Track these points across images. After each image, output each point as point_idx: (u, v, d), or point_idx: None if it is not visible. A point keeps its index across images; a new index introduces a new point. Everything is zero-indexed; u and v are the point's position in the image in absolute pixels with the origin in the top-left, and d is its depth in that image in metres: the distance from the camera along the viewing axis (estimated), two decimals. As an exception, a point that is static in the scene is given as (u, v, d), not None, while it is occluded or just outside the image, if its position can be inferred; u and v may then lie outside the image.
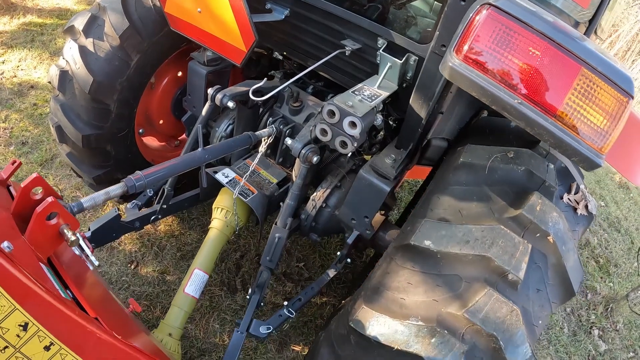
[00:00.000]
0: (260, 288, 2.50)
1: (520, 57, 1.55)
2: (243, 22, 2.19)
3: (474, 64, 1.61)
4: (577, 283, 1.85)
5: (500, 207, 1.82)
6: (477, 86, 1.61)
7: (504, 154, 1.97)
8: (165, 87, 3.19)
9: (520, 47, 1.55)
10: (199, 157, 2.18)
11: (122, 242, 3.57)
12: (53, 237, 1.69)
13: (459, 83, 1.67)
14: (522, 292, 1.70)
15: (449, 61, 1.66)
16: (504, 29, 1.55)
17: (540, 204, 1.77)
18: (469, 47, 1.60)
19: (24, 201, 1.71)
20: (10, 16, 6.19)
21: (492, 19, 1.55)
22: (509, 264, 1.65)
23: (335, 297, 3.53)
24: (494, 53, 1.58)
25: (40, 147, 4.28)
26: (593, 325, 4.25)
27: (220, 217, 2.71)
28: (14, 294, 1.36)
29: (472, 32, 1.59)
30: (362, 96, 2.01)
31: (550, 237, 1.73)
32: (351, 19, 2.25)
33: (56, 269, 1.77)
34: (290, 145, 2.32)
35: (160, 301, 3.28)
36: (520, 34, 1.54)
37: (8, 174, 1.94)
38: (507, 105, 1.59)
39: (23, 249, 1.57)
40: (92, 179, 3.09)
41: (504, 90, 1.58)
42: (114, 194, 1.88)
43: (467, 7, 1.75)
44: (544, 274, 1.77)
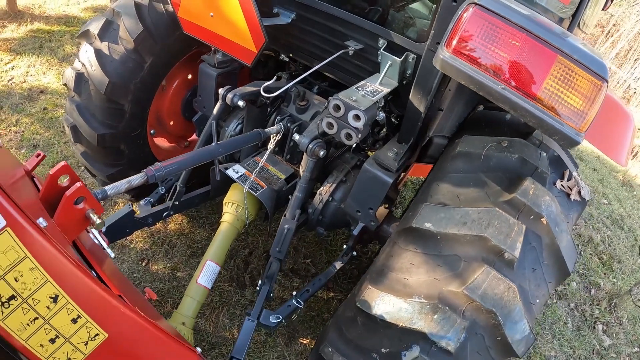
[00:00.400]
0: (270, 279, 2.64)
1: (503, 48, 1.75)
2: (253, 25, 2.37)
3: (462, 55, 1.80)
4: (571, 263, 2.00)
5: (495, 191, 1.98)
6: (465, 75, 1.80)
7: (498, 143, 2.13)
8: (175, 89, 3.37)
9: (502, 39, 1.74)
10: (213, 151, 2.34)
11: (134, 240, 3.74)
12: (79, 221, 1.81)
13: (449, 73, 1.86)
14: (519, 271, 1.86)
15: (440, 54, 1.85)
16: (487, 24, 1.74)
17: (533, 189, 1.93)
18: (458, 41, 1.80)
19: (51, 188, 1.82)
20: (18, 23, 6.40)
21: (477, 16, 1.75)
22: (505, 243, 1.80)
23: (341, 292, 3.69)
24: (480, 45, 1.77)
25: (51, 150, 4.46)
26: (597, 320, 4.37)
27: (231, 211, 2.87)
28: (47, 267, 1.47)
29: (460, 28, 1.79)
30: (365, 92, 2.19)
31: (544, 218, 1.89)
32: (353, 21, 2.42)
33: (80, 252, 1.93)
34: (298, 141, 2.49)
35: (171, 296, 3.43)
36: (502, 28, 1.73)
37: (33, 166, 2.09)
38: (492, 91, 1.77)
39: (54, 228, 1.69)
40: (106, 177, 3.26)
41: (489, 78, 1.77)
42: (135, 182, 2.04)
43: (457, 6, 1.94)
44: (539, 254, 1.92)
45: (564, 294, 4.47)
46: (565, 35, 1.75)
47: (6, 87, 5.22)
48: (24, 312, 1.48)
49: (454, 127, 2.61)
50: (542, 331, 4.02)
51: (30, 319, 1.49)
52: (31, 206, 1.69)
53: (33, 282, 1.47)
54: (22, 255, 1.46)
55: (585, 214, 5.60)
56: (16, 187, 1.80)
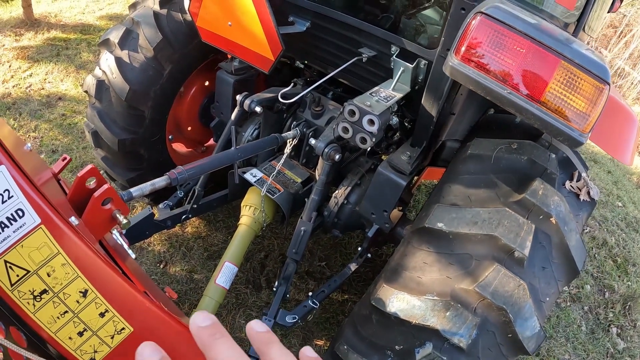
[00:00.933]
0: (287, 280, 2.73)
1: (508, 54, 1.86)
2: (271, 33, 2.49)
3: (470, 62, 1.91)
4: (580, 262, 2.08)
5: (505, 192, 2.07)
6: (473, 81, 1.91)
7: (508, 145, 2.22)
8: (193, 96, 3.50)
9: (508, 46, 1.85)
10: (233, 155, 2.46)
11: (152, 243, 3.86)
12: (106, 221, 1.91)
13: (458, 79, 1.97)
14: (529, 269, 1.94)
15: (450, 61, 1.96)
16: (493, 32, 1.85)
17: (542, 189, 2.01)
18: (466, 49, 1.91)
19: (79, 189, 1.92)
20: (35, 32, 6.58)
21: (483, 24, 1.86)
22: (515, 242, 1.89)
23: (356, 294, 3.78)
24: (486, 52, 1.88)
25: (69, 155, 4.53)
26: (611, 323, 4.41)
27: (249, 214, 2.98)
28: (77, 263, 1.55)
29: (468, 36, 1.90)
30: (379, 97, 2.30)
31: (553, 218, 1.97)
32: (366, 29, 2.54)
33: (107, 250, 2.03)
34: (314, 145, 2.60)
35: (188, 298, 3.55)
36: (507, 36, 1.84)
37: (59, 169, 2.19)
38: (499, 96, 1.88)
39: (82, 228, 1.78)
40: (126, 181, 3.39)
41: (496, 83, 1.88)
42: (159, 185, 2.15)
43: (466, 14, 2.05)
44: (549, 252, 2.00)
45: (577, 297, 4.52)
46: (568, 40, 1.85)
47: (25, 93, 5.38)
48: (54, 305, 1.55)
49: (465, 131, 2.70)
50: (556, 334, 4.07)
51: (60, 313, 1.56)
52: (62, 206, 1.80)
53: (64, 277, 1.54)
54: (55, 252, 1.53)
55: (600, 217, 5.64)
56: (47, 187, 1.91)
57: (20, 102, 5.25)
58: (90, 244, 1.61)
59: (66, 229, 1.57)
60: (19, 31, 6.57)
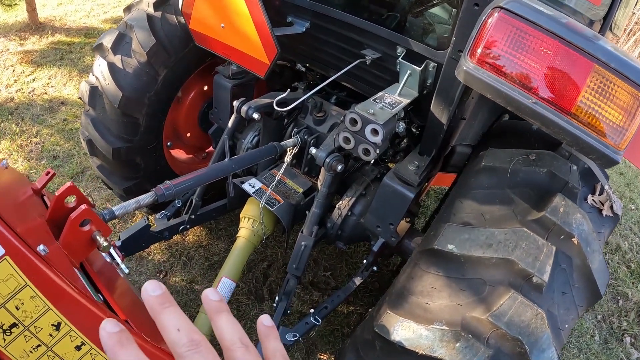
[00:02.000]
0: (287, 295, 2.55)
1: (533, 57, 1.58)
2: (265, 36, 2.27)
3: (488, 66, 1.64)
4: (603, 285, 1.85)
5: (523, 209, 1.83)
6: (491, 88, 1.65)
7: (525, 157, 1.97)
8: (191, 101, 3.29)
9: (532, 47, 1.58)
10: (226, 167, 2.25)
11: (151, 252, 3.67)
12: (86, 243, 1.75)
13: (473, 86, 1.71)
14: (547, 295, 1.71)
15: (464, 65, 1.70)
16: (515, 30, 1.58)
17: (563, 206, 1.77)
18: (482, 50, 1.64)
19: (58, 209, 1.79)
20: (39, 35, 6.43)
21: (503, 22, 1.59)
22: (533, 267, 1.65)
23: (362, 305, 3.57)
24: (507, 55, 1.61)
25: (71, 161, 4.43)
26: (625, 332, 4.18)
27: (248, 226, 2.77)
28: (48, 295, 1.43)
29: (485, 35, 1.63)
30: (383, 104, 2.07)
31: (575, 238, 1.74)
32: (370, 29, 2.30)
33: (88, 274, 1.86)
34: (314, 155, 2.38)
35: (188, 309, 3.35)
36: (531, 35, 1.57)
37: (42, 184, 2.04)
38: (522, 106, 1.61)
39: (57, 253, 1.64)
40: (122, 190, 3.20)
41: (518, 91, 1.61)
42: (144, 202, 1.96)
43: (481, 11, 1.79)
44: (569, 276, 1.77)
45: (591, 306, 4.28)
46: (599, 40, 1.58)
47: (27, 98, 5.22)
48: (26, 339, 1.45)
49: (477, 136, 2.47)
50: (569, 345, 3.84)
51: (32, 346, 1.46)
52: (34, 231, 1.64)
53: (34, 310, 1.44)
54: (22, 284, 1.42)
55: (612, 221, 5.38)
56: (20, 210, 1.74)
57: (22, 106, 5.08)
58: (60, 275, 1.47)
59: (34, 259, 1.44)
60: (24, 35, 6.41)
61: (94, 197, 4.09)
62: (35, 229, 1.66)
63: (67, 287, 1.46)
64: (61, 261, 1.61)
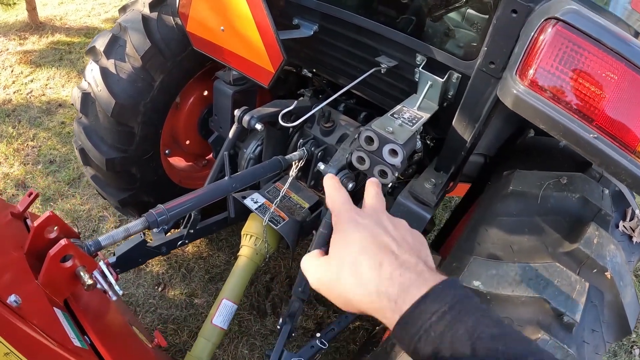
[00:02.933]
0: (292, 318, 2.31)
1: (595, 82, 1.31)
2: (270, 41, 1.98)
3: (542, 91, 1.36)
4: (633, 320, 1.64)
5: (554, 240, 1.61)
6: (546, 117, 1.37)
7: (556, 180, 1.74)
8: (191, 107, 3.02)
9: (595, 70, 1.30)
10: (226, 187, 1.98)
11: (149, 264, 3.42)
12: (68, 280, 1.53)
13: (524, 113, 1.43)
14: (577, 334, 1.49)
15: (512, 87, 1.41)
16: (575, 48, 1.30)
17: (597, 236, 1.56)
18: (535, 71, 1.36)
19: (37, 240, 1.57)
20: (39, 35, 6.15)
21: (560, 37, 1.31)
22: (565, 306, 1.44)
23: (368, 321, 3.30)
24: (564, 77, 1.33)
25: (67, 166, 4.17)
26: (634, 344, 3.92)
27: (250, 244, 2.51)
28: (24, 351, 1.21)
29: (538, 53, 1.35)
30: (402, 120, 1.79)
31: (608, 272, 1.53)
32: (386, 34, 2.02)
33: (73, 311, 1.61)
34: (323, 171, 2.11)
35: (187, 325, 3.11)
36: (595, 55, 1.28)
37: (24, 207, 1.79)
38: (581, 140, 1.35)
39: (35, 295, 1.42)
40: (118, 202, 2.93)
41: (578, 123, 1.34)
42: (134, 230, 1.71)
43: (520, 20, 1.51)
44: (600, 312, 1.56)
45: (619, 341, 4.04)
46: None
47: (25, 100, 4.96)
48: None
49: (491, 145, 2.21)
50: (583, 359, 3.60)
51: None
52: (7, 274, 1.41)
53: None
54: None
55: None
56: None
57: (20, 108, 4.82)
58: (36, 328, 1.26)
59: (5, 313, 1.21)
60: (24, 35, 6.14)
61: (91, 205, 3.82)
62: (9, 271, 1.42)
63: (45, 340, 1.24)
64: (39, 307, 1.39)
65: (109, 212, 3.77)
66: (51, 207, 3.78)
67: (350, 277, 0.71)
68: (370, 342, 2.58)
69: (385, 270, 0.69)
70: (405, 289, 0.66)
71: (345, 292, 0.72)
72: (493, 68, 1.65)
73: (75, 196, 3.90)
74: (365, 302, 0.70)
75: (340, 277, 0.73)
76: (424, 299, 0.64)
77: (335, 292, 0.74)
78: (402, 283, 0.67)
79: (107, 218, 3.74)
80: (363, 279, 0.70)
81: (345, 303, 0.74)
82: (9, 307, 1.21)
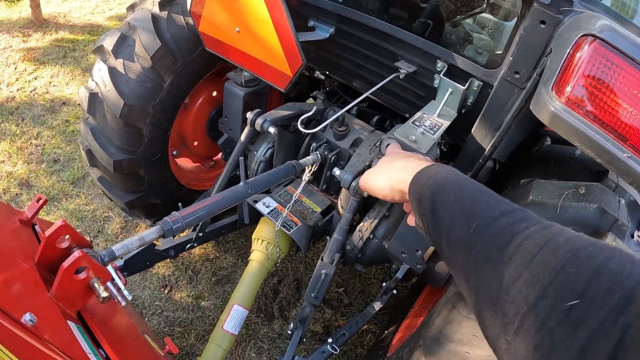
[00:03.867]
0: (303, 323, 2.26)
1: (633, 102, 1.27)
2: (289, 44, 1.90)
3: (579, 109, 1.31)
4: None
5: None
6: (583, 136, 1.32)
7: (575, 190, 1.70)
8: (199, 108, 2.94)
9: (630, 89, 1.26)
10: (242, 193, 1.91)
11: (156, 266, 3.32)
12: (82, 292, 1.46)
13: (560, 130, 1.37)
14: None
15: (549, 103, 1.36)
16: (612, 67, 1.25)
17: None
18: (573, 89, 1.31)
19: (49, 251, 1.49)
20: (43, 32, 6.05)
21: (598, 55, 1.26)
22: None
23: (376, 324, 3.24)
24: (601, 96, 1.29)
25: (72, 165, 4.08)
26: None
27: (261, 249, 2.44)
28: None
29: (576, 71, 1.30)
30: (424, 128, 1.72)
31: None
32: (406, 39, 1.95)
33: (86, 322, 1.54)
34: (339, 177, 2.04)
35: (194, 328, 3.03)
36: (630, 74, 1.25)
37: (33, 213, 1.71)
38: (615, 159, 1.30)
39: (49, 311, 1.35)
40: (125, 204, 2.86)
41: (613, 142, 1.29)
42: (149, 238, 1.63)
43: (548, 31, 1.46)
44: None
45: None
46: None
47: (29, 97, 4.87)
48: None
49: (503, 151, 2.15)
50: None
51: None
52: (19, 291, 1.33)
53: None
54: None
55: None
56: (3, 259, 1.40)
57: (23, 106, 4.73)
58: (53, 346, 1.18)
59: (19, 333, 1.13)
60: (27, 32, 6.03)
61: (96, 205, 3.74)
62: (21, 285, 1.34)
63: (62, 359, 1.17)
64: (54, 324, 1.32)
65: (114, 213, 3.68)
66: (55, 207, 3.70)
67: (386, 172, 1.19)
68: (379, 346, 2.53)
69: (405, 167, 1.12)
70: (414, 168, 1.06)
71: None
72: (518, 78, 1.60)
73: (79, 196, 3.81)
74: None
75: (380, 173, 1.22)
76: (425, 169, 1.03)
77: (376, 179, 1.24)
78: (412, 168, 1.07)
79: (112, 219, 3.66)
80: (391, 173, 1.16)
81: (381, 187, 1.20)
82: (24, 327, 1.14)
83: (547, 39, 1.49)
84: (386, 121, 2.69)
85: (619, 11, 1.82)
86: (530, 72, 1.57)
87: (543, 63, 1.51)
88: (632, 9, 1.96)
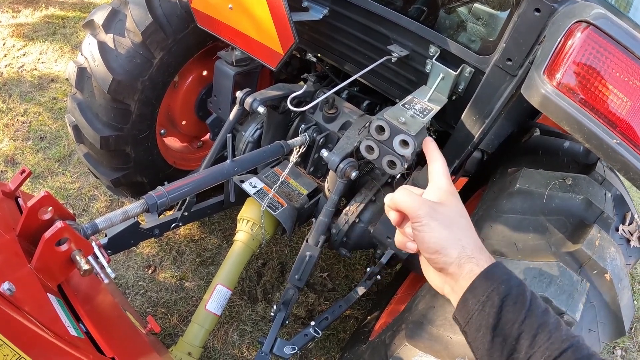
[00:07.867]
0: (286, 306, 2.24)
1: (621, 88, 1.27)
2: (281, 22, 1.87)
3: (570, 93, 1.31)
4: (628, 322, 1.64)
5: (557, 239, 1.59)
6: (573, 120, 1.31)
7: (562, 181, 1.72)
8: (189, 87, 2.89)
9: (621, 76, 1.26)
10: (228, 170, 1.88)
11: (140, 245, 3.31)
12: (63, 265, 1.42)
13: (550, 113, 1.37)
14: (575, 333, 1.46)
15: (540, 86, 1.35)
16: (604, 53, 1.25)
17: (599, 239, 1.55)
18: (564, 73, 1.30)
19: (30, 222, 1.45)
20: (33, 8, 5.93)
21: (590, 41, 1.26)
22: (567, 305, 1.42)
23: (359, 309, 3.24)
24: (592, 81, 1.28)
25: (58, 143, 4.01)
26: (616, 345, 3.92)
27: (246, 229, 2.42)
28: (17, 342, 1.11)
29: (567, 56, 1.29)
30: (414, 111, 1.70)
31: (608, 274, 1.52)
32: (400, 22, 1.93)
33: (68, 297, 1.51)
34: (326, 158, 2.02)
35: (177, 309, 3.01)
36: (622, 61, 1.24)
37: (16, 185, 1.67)
38: (604, 145, 1.30)
39: (29, 282, 1.31)
40: (110, 181, 2.81)
41: (603, 128, 1.29)
42: (133, 212, 1.60)
43: (543, 19, 1.46)
44: (597, 312, 1.55)
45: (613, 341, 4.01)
46: None
47: (17, 74, 4.77)
48: None
49: (491, 142, 2.16)
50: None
51: None
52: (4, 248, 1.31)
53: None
54: None
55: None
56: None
57: (11, 82, 4.63)
58: (30, 318, 1.15)
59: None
60: (17, 7, 5.90)
61: (81, 184, 3.68)
62: (1, 256, 1.31)
63: (41, 330, 1.14)
64: (33, 295, 1.28)
65: (100, 191, 3.63)
66: (41, 184, 3.64)
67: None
68: (361, 331, 2.53)
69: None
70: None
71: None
72: (510, 65, 1.59)
73: (65, 174, 3.75)
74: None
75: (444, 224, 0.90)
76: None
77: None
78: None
79: (97, 197, 3.61)
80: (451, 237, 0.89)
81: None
82: (1, 295, 1.11)
83: (541, 27, 1.48)
84: (376, 106, 2.67)
85: (613, 3, 1.82)
86: (523, 60, 1.56)
87: (536, 51, 1.50)
88: (627, 2, 1.96)
